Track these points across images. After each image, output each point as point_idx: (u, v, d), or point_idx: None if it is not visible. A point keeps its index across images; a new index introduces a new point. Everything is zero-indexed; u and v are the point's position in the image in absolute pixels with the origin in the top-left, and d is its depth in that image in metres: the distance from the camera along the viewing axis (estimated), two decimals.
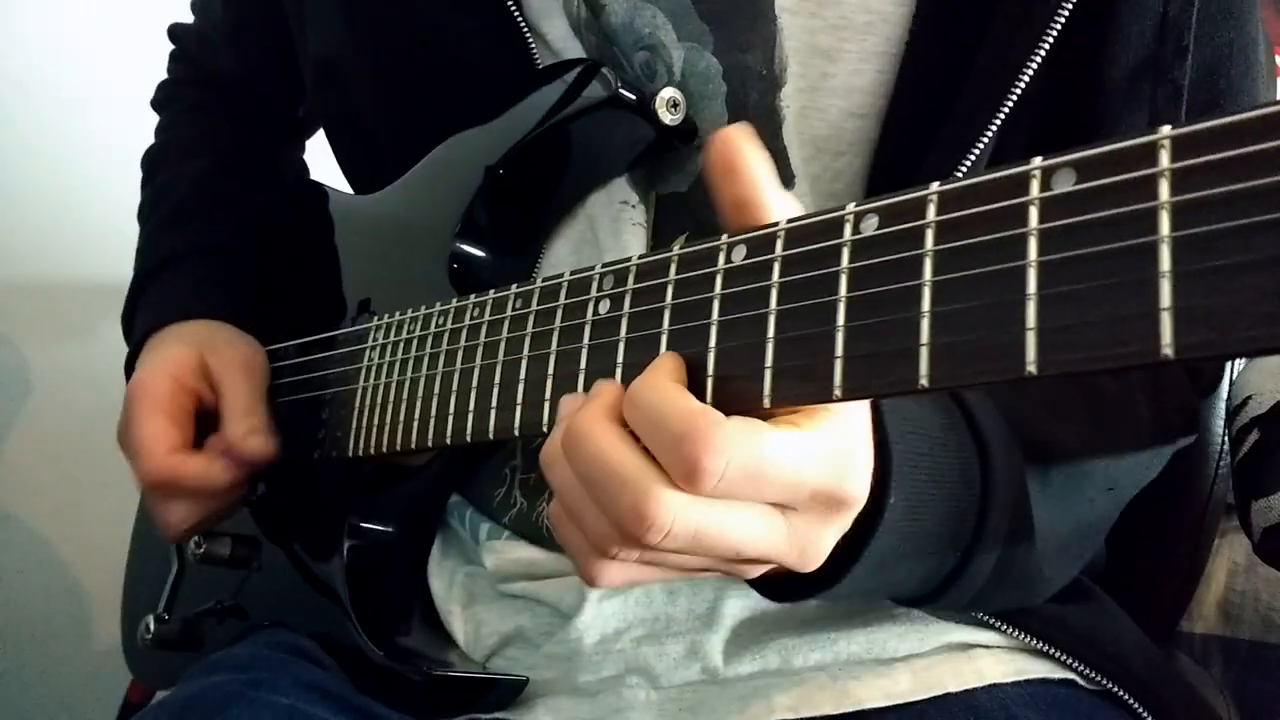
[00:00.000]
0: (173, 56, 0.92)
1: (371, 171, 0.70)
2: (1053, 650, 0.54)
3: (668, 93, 0.55)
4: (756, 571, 0.40)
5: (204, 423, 0.66)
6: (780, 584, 0.43)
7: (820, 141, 0.55)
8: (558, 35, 0.61)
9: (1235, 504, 0.71)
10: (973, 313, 0.29)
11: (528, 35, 0.61)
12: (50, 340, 1.37)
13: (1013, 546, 0.48)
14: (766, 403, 0.35)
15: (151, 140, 0.88)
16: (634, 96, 0.55)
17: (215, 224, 0.77)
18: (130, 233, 0.81)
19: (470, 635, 0.63)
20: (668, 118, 0.55)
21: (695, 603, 0.56)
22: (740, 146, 0.38)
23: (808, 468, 0.35)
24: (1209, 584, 0.76)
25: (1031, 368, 0.28)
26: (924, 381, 0.30)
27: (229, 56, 0.85)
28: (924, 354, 0.30)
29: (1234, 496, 0.71)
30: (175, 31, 0.90)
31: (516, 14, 0.60)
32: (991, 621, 0.54)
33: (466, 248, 0.60)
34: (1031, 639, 0.54)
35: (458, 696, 0.57)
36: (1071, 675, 0.55)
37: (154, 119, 0.90)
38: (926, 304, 0.30)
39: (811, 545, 0.38)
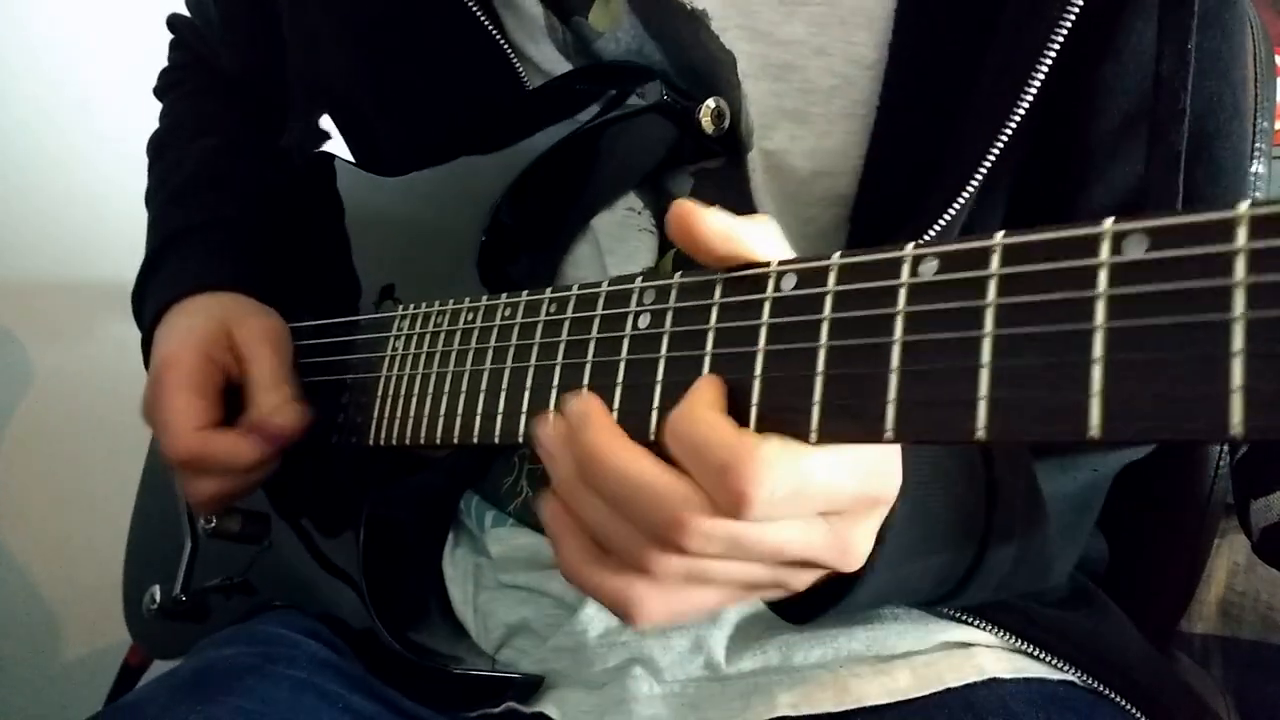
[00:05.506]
0: (173, 45, 0.90)
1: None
2: (1054, 660, 0.55)
3: (712, 102, 0.54)
4: (806, 579, 0.40)
5: (230, 397, 0.66)
6: (802, 604, 0.44)
7: (789, 196, 0.56)
8: (545, 58, 0.61)
9: (1235, 504, 0.72)
10: (1036, 371, 0.29)
11: (513, 59, 0.61)
12: (50, 337, 1.37)
13: (1029, 533, 0.49)
14: (813, 438, 0.35)
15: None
16: (680, 105, 0.54)
17: (227, 197, 0.76)
18: (131, 231, 0.80)
19: (479, 626, 0.64)
20: (710, 128, 0.54)
21: None
22: (690, 215, 0.38)
23: (849, 481, 0.36)
24: (1209, 584, 0.77)
25: (1095, 432, 0.28)
26: (981, 433, 0.30)
27: (225, 55, 0.84)
28: (982, 406, 0.30)
29: (1234, 496, 0.72)
30: (174, 21, 0.88)
31: (499, 39, 0.60)
32: (992, 627, 0.55)
33: (495, 242, 0.60)
34: (1033, 647, 0.55)
35: (474, 693, 0.58)
36: (1070, 677, 0.56)
37: (155, 117, 0.88)
38: (987, 356, 0.30)
39: (853, 543, 0.39)
